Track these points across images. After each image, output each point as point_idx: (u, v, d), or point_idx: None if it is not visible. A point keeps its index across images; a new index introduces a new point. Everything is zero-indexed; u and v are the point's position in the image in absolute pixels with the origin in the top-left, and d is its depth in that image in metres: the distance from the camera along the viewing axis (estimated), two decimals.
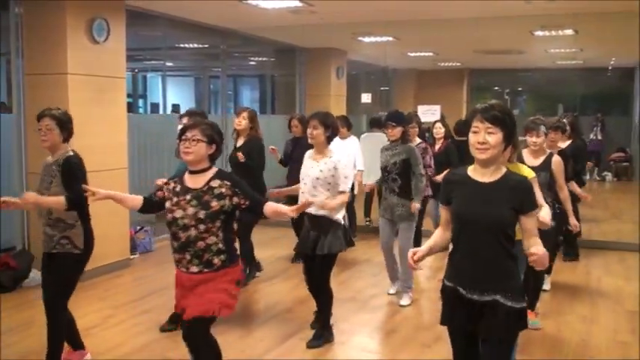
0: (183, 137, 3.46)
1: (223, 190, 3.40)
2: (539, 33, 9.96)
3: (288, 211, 3.49)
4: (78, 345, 4.43)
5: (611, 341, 5.06)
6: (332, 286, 5.06)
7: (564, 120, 6.53)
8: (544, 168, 4.92)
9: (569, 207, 5.20)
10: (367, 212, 9.32)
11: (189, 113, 5.59)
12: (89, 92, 6.57)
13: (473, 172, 2.92)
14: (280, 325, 5.33)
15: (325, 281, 4.88)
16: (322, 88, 12.16)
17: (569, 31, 9.77)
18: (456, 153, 7.59)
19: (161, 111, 10.60)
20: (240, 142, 6.37)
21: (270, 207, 3.53)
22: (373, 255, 7.50)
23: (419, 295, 6.25)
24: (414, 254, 2.96)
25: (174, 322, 5.00)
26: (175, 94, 16.77)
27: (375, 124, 9.06)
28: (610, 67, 16.17)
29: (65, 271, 4.10)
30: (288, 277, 6.88)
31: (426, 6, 8.04)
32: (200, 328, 3.43)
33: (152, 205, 3.64)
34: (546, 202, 5.01)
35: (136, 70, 16.72)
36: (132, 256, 7.50)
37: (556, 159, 5.00)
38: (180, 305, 3.55)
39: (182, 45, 12.06)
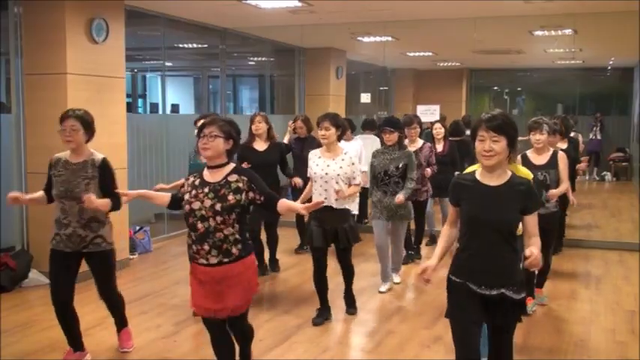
0: (202, 134, 3.55)
1: (240, 184, 3.52)
2: (539, 33, 9.97)
3: (301, 208, 3.62)
4: (79, 346, 4.46)
5: (610, 341, 5.06)
6: (330, 287, 5.40)
7: (555, 121, 6.65)
8: (553, 165, 5.28)
9: (565, 188, 5.39)
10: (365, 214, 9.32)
11: (204, 117, 5.59)
12: (88, 92, 6.57)
13: (481, 176, 3.13)
14: (281, 323, 5.33)
15: (350, 261, 5.47)
16: (321, 87, 12.17)
17: (568, 31, 9.77)
18: (458, 153, 7.76)
19: (160, 111, 10.60)
20: (262, 146, 6.50)
21: (283, 204, 3.65)
22: (371, 255, 7.49)
23: (417, 296, 6.26)
24: (424, 271, 3.19)
25: None
26: (175, 94, 16.75)
27: (368, 127, 9.06)
28: (609, 67, 16.17)
29: (108, 265, 4.45)
30: (289, 275, 6.89)
31: (424, 6, 8.05)
32: (243, 321, 3.78)
33: (178, 201, 3.72)
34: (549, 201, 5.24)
35: (136, 70, 16.68)
36: (131, 256, 7.50)
37: (562, 155, 5.35)
38: (202, 306, 3.61)
39: (181, 45, 12.04)
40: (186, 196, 3.57)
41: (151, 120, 10.52)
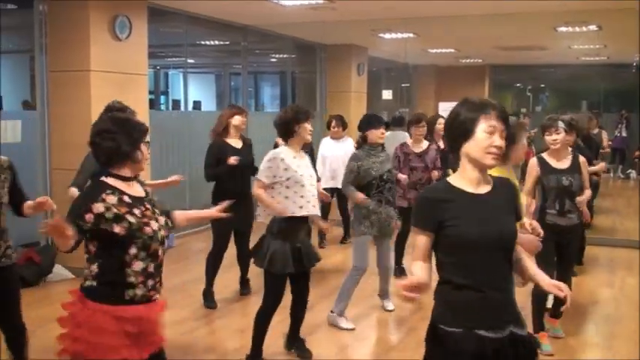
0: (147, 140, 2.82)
1: (155, 197, 2.92)
2: (563, 29, 9.86)
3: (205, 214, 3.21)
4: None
5: (633, 342, 4.99)
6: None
7: (572, 116, 6.39)
8: (575, 170, 4.67)
9: (589, 195, 4.92)
10: None
11: (122, 108, 4.28)
12: (111, 89, 6.62)
13: (460, 183, 2.38)
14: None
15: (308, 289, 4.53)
16: (343, 84, 12.16)
17: (592, 27, 9.66)
18: None
19: (182, 108, 10.67)
20: (238, 144, 5.72)
21: (181, 216, 3.10)
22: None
23: None
24: (412, 287, 2.34)
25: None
26: (197, 91, 16.87)
27: (397, 123, 9.04)
28: (634, 63, 15.93)
29: (18, 283, 3.76)
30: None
31: (446, 2, 7.98)
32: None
33: (79, 237, 2.64)
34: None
35: (158, 67, 16.83)
36: None
37: (583, 160, 4.78)
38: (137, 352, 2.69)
39: (203, 42, 12.12)
40: (132, 218, 2.63)
41: (173, 117, 10.59)
